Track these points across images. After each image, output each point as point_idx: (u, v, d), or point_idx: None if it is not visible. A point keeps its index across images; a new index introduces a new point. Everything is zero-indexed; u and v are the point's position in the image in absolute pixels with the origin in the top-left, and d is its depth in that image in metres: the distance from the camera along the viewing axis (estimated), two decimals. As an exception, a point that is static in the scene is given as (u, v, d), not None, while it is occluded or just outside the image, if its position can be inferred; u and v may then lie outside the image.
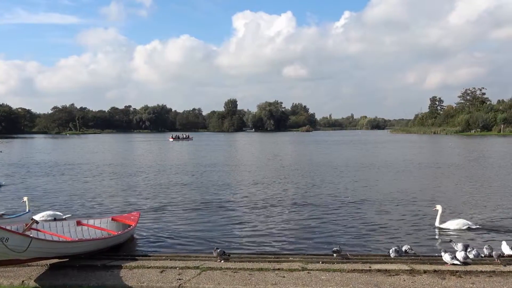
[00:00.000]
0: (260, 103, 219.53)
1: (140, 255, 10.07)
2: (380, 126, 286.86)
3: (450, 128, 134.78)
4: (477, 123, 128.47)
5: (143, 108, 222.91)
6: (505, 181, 23.90)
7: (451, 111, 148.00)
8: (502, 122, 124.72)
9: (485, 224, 13.58)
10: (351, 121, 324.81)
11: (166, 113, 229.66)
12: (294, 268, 8.52)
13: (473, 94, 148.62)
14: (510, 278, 7.89)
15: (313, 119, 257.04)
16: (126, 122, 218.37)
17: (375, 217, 14.86)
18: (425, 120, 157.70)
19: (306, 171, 29.71)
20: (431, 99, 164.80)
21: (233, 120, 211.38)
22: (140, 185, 23.19)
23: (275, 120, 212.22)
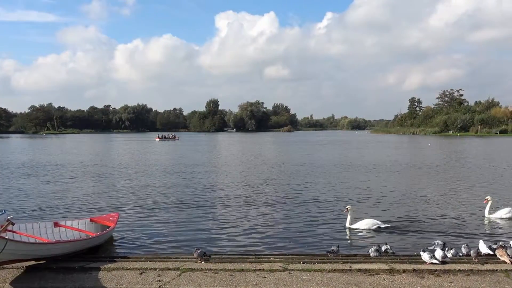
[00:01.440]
0: (242, 103, 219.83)
1: (119, 256, 9.94)
2: (361, 126, 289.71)
3: (428, 128, 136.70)
4: (455, 124, 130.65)
5: (123, 107, 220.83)
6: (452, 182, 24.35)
7: (430, 112, 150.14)
8: (479, 123, 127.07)
9: (395, 224, 13.70)
10: (332, 122, 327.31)
11: (146, 113, 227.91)
12: (275, 268, 8.50)
13: (451, 96, 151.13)
14: (487, 277, 8.00)
15: (294, 119, 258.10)
16: (106, 121, 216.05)
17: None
18: (404, 120, 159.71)
19: (288, 171, 29.75)
20: (410, 100, 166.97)
21: (214, 120, 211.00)
22: (121, 186, 22.90)
23: (256, 120, 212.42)
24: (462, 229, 13.22)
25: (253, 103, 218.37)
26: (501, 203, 16.70)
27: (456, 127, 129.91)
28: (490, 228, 13.52)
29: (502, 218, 14.28)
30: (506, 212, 14.42)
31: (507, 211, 14.44)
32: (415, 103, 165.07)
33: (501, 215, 14.40)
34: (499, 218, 14.32)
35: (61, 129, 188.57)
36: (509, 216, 14.32)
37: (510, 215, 14.33)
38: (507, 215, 14.34)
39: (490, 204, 14.72)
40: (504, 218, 14.28)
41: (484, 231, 13.07)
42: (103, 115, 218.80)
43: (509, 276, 7.99)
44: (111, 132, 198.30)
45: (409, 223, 13.91)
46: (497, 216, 14.41)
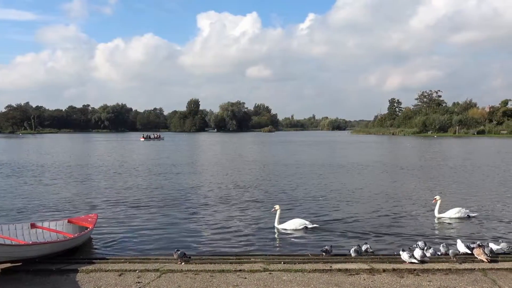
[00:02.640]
0: (223, 103, 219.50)
1: (97, 258, 9.78)
2: (341, 127, 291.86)
3: (408, 129, 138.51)
4: (433, 124, 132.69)
5: (102, 107, 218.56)
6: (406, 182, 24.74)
7: (409, 113, 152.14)
8: (457, 124, 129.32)
9: (324, 224, 13.78)
10: (312, 122, 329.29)
11: (126, 112, 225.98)
12: (256, 269, 8.48)
13: (430, 97, 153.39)
14: (465, 276, 8.12)
15: (275, 119, 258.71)
16: (84, 121, 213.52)
17: (335, 216, 14.98)
18: (384, 121, 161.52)
19: (269, 171, 29.76)
20: (390, 101, 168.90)
21: (195, 120, 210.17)
22: (101, 187, 22.60)
23: (237, 120, 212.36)
24: (409, 228, 13.33)
25: (234, 103, 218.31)
26: (457, 202, 16.92)
27: (434, 128, 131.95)
28: (439, 228, 13.67)
29: (451, 218, 14.44)
30: (455, 212, 14.57)
31: (457, 211, 14.59)
32: (394, 104, 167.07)
33: (451, 214, 14.55)
34: (449, 218, 14.47)
35: (38, 129, 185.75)
36: (458, 215, 14.46)
37: (460, 215, 14.48)
38: (456, 214, 14.49)
39: (439, 203, 14.86)
40: (453, 217, 14.43)
41: (432, 230, 13.22)
42: (82, 115, 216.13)
43: (486, 275, 8.12)
44: (90, 132, 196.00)
45: (347, 223, 14.03)
46: (447, 216, 14.56)
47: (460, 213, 14.60)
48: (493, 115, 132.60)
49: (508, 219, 14.46)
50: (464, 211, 14.72)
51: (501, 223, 13.90)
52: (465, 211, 14.72)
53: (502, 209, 16.21)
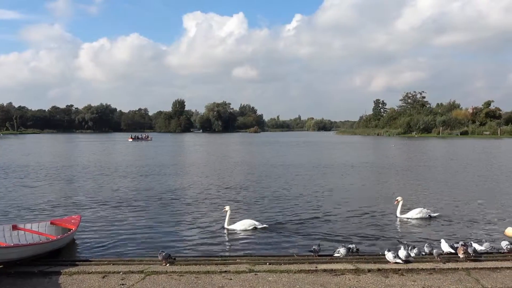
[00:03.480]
0: (208, 104, 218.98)
1: (80, 260, 9.65)
2: (326, 127, 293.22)
3: (392, 130, 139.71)
4: (417, 125, 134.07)
5: (86, 107, 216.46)
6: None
7: (394, 114, 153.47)
8: (441, 125, 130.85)
9: (275, 224, 13.82)
10: (298, 123, 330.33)
11: (110, 113, 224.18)
12: (241, 270, 8.44)
13: (414, 98, 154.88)
14: (449, 275, 8.19)
15: (261, 120, 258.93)
16: (68, 122, 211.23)
17: (321, 216, 15.03)
18: (369, 122, 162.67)
19: (254, 172, 29.75)
20: (375, 101, 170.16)
21: (180, 121, 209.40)
22: (85, 188, 22.31)
23: (223, 121, 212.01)
24: (368, 228, 13.38)
25: (220, 103, 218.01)
26: (421, 203, 17.05)
27: (418, 129, 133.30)
28: (400, 228, 13.72)
29: (413, 218, 14.52)
30: (417, 212, 14.66)
31: (418, 211, 14.68)
32: (379, 104, 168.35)
33: (412, 215, 14.63)
34: (410, 218, 14.55)
35: (21, 129, 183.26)
36: (420, 216, 14.55)
37: (421, 215, 14.57)
38: (418, 215, 14.58)
39: (401, 204, 14.94)
40: (415, 218, 14.52)
41: (393, 231, 13.26)
42: (66, 115, 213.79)
43: (469, 274, 8.20)
44: (74, 132, 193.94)
45: (302, 223, 14.03)
46: (408, 216, 14.64)
47: (422, 213, 14.67)
48: (476, 116, 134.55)
49: (468, 219, 14.57)
50: (425, 211, 14.80)
51: (461, 223, 13.99)
52: (426, 212, 14.80)
53: (464, 209, 16.34)
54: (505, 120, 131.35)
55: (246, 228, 12.97)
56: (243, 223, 13.13)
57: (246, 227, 13.01)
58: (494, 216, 15.10)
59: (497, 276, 8.13)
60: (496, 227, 13.39)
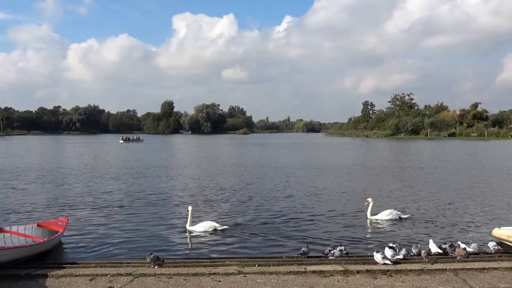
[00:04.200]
0: (197, 105, 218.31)
1: (68, 262, 9.57)
2: (316, 129, 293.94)
3: (381, 131, 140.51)
4: (406, 127, 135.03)
5: (73, 108, 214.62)
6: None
7: (382, 115, 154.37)
8: (428, 126, 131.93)
9: (232, 225, 13.88)
10: (287, 124, 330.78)
11: (98, 114, 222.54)
12: (230, 272, 8.42)
13: (402, 99, 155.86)
14: (437, 276, 8.24)
15: (250, 121, 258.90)
16: (55, 123, 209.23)
17: (308, 218, 15.04)
18: (358, 123, 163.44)
19: (244, 173, 29.72)
20: (363, 103, 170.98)
21: (169, 122, 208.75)
22: (73, 190, 22.09)
23: (212, 123, 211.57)
24: (338, 230, 13.41)
25: (209, 105, 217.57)
26: (393, 204, 17.20)
27: (407, 130, 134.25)
28: (370, 230, 13.78)
29: (383, 220, 14.57)
30: (387, 214, 14.72)
31: (388, 213, 14.75)
32: (368, 106, 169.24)
33: (382, 216, 14.69)
34: (380, 220, 14.60)
35: (7, 130, 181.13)
36: (390, 217, 14.61)
37: (391, 217, 14.63)
38: (388, 216, 14.64)
39: (371, 205, 15.01)
40: (385, 219, 14.57)
41: (362, 232, 13.27)
42: (53, 116, 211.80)
43: (457, 275, 8.25)
44: (61, 133, 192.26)
45: (268, 224, 14.15)
46: (378, 218, 14.70)
47: (392, 215, 14.72)
48: (464, 117, 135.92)
49: (438, 221, 14.63)
50: (395, 213, 14.86)
51: (430, 225, 14.02)
52: (396, 213, 14.85)
53: (434, 211, 16.39)
54: (492, 122, 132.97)
55: (206, 229, 12.98)
56: (204, 225, 13.13)
57: (206, 228, 13.02)
58: (481, 217, 15.25)
59: (485, 276, 8.20)
60: (482, 228, 13.51)
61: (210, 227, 13.07)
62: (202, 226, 13.11)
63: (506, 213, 15.90)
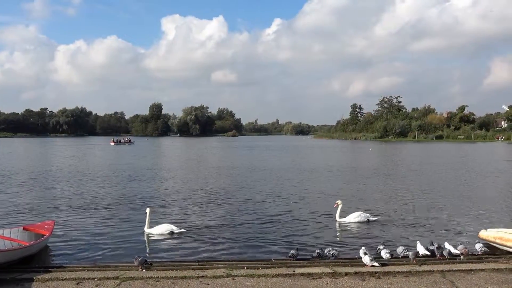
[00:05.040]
0: (186, 107, 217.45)
1: (54, 266, 9.45)
2: (304, 131, 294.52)
3: (369, 134, 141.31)
4: (394, 129, 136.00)
5: (60, 111, 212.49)
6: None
7: (371, 118, 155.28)
8: (416, 129, 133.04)
9: (191, 228, 13.80)
10: (276, 127, 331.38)
11: (85, 116, 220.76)
12: (219, 275, 8.38)
13: (390, 102, 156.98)
14: (425, 277, 8.29)
15: (239, 124, 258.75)
16: (42, 125, 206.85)
17: (296, 221, 15.06)
18: (346, 126, 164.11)
19: (232, 176, 29.70)
20: (352, 106, 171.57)
21: (157, 124, 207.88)
22: (60, 193, 21.86)
23: (200, 125, 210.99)
24: (307, 232, 13.44)
25: (197, 107, 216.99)
26: (364, 206, 17.26)
27: (395, 133, 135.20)
28: (338, 232, 13.83)
29: (351, 222, 14.63)
30: (355, 216, 14.78)
31: (357, 215, 14.82)
32: (356, 109, 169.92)
33: (351, 219, 14.74)
34: (349, 222, 14.67)
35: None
36: (358, 220, 14.68)
37: (359, 219, 14.69)
38: (356, 219, 14.70)
39: (340, 208, 15.07)
40: (354, 222, 14.63)
41: (331, 235, 13.30)
42: (40, 118, 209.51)
43: (445, 276, 8.31)
44: (48, 136, 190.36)
45: (231, 227, 14.11)
46: (347, 220, 14.76)
47: (360, 217, 14.78)
48: (451, 120, 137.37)
49: (406, 223, 14.67)
50: (364, 215, 14.91)
51: (398, 228, 14.06)
52: (365, 215, 14.91)
53: (402, 213, 16.42)
54: (479, 125, 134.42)
55: (163, 232, 12.94)
56: (161, 228, 13.10)
57: (163, 231, 12.98)
58: (467, 219, 15.40)
59: (472, 278, 8.26)
60: (469, 230, 13.63)
61: (167, 230, 13.03)
62: (160, 229, 13.06)
63: (492, 215, 16.06)
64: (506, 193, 22.11)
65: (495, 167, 36.82)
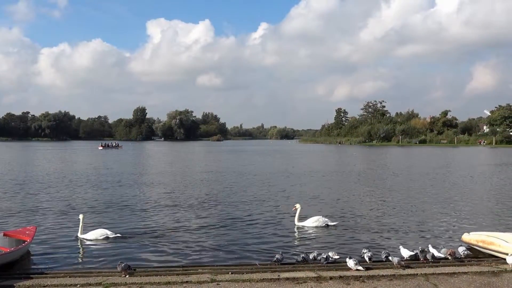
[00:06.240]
0: (170, 112, 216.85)
1: (35, 273, 9.31)
2: (289, 136, 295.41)
3: (354, 138, 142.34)
4: (378, 134, 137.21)
5: (43, 115, 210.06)
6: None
7: (355, 122, 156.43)
8: (400, 133, 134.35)
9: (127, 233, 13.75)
10: (261, 131, 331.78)
11: (68, 120, 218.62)
12: (203, 280, 8.33)
13: (374, 107, 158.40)
14: (409, 281, 8.34)
15: (224, 128, 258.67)
16: (24, 129, 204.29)
17: (282, 225, 15.07)
18: (331, 130, 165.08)
19: (216, 181, 29.60)
20: (336, 110, 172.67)
21: (141, 129, 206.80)
22: (42, 198, 21.48)
23: (185, 129, 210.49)
24: (265, 236, 13.49)
25: (182, 111, 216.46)
26: (324, 211, 17.26)
27: (379, 137, 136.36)
28: (296, 236, 13.86)
29: (309, 227, 14.63)
30: (314, 221, 14.79)
31: (315, 220, 14.83)
32: (341, 113, 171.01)
33: (309, 223, 14.75)
34: (307, 226, 14.66)
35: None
36: (316, 224, 14.68)
37: (318, 224, 14.70)
38: (315, 223, 14.71)
39: (299, 211, 15.09)
40: (312, 226, 14.64)
41: (288, 239, 13.32)
42: (21, 122, 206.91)
43: (428, 280, 8.37)
44: (29, 140, 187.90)
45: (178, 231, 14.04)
46: (305, 224, 14.77)
47: (319, 222, 14.77)
48: (434, 125, 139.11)
49: (364, 228, 14.65)
50: (323, 219, 14.91)
51: (355, 233, 14.02)
52: (323, 220, 14.90)
53: (362, 218, 16.39)
54: (461, 129, 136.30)
55: (97, 237, 12.83)
56: (95, 233, 12.98)
57: (97, 236, 12.87)
58: (450, 223, 15.54)
59: (455, 281, 8.33)
60: (451, 234, 13.77)
61: (102, 235, 12.92)
62: (94, 234, 12.94)
63: (475, 219, 16.23)
64: (489, 196, 22.40)
65: (477, 171, 37.30)
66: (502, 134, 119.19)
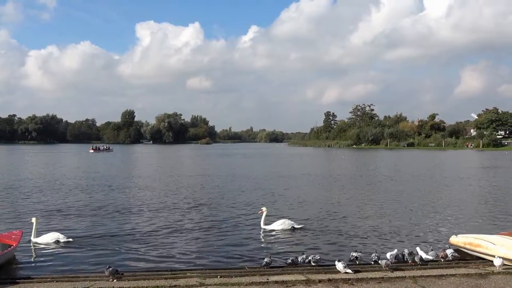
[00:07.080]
0: (159, 115, 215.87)
1: (21, 277, 9.16)
2: (278, 139, 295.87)
3: (342, 141, 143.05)
4: (366, 137, 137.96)
5: (30, 117, 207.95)
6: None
7: (344, 126, 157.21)
8: (388, 136, 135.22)
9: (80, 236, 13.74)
10: (250, 134, 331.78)
11: (56, 123, 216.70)
12: (192, 284, 8.27)
13: (363, 110, 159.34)
14: (397, 283, 8.35)
15: (213, 131, 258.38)
16: (10, 132, 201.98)
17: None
18: (320, 133, 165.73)
19: (206, 184, 29.53)
20: (325, 113, 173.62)
21: (129, 132, 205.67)
22: (29, 202, 21.26)
23: (174, 132, 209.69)
24: (230, 240, 13.47)
25: (170, 114, 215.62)
26: (290, 214, 17.33)
27: (367, 140, 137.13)
28: (262, 239, 13.88)
29: (276, 230, 14.64)
30: (280, 224, 14.83)
31: (281, 223, 14.86)
32: (330, 117, 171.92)
33: (275, 226, 14.78)
34: (272, 230, 14.69)
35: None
36: (282, 227, 14.71)
37: (283, 227, 14.74)
38: (280, 226, 14.74)
39: (265, 215, 15.14)
40: (278, 229, 14.66)
41: (255, 243, 13.32)
42: (8, 125, 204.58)
43: (416, 282, 8.39)
44: (16, 143, 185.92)
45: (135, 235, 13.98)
46: (271, 228, 14.81)
47: (284, 224, 14.78)
48: (422, 128, 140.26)
49: (330, 231, 14.69)
50: (289, 222, 14.92)
51: (321, 235, 14.08)
52: (290, 223, 14.91)
53: (329, 221, 16.40)
54: (449, 132, 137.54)
55: (48, 241, 12.75)
56: (46, 237, 12.90)
57: (48, 240, 12.79)
58: (437, 225, 15.64)
59: (443, 283, 8.37)
60: (439, 236, 13.85)
61: (54, 238, 12.83)
62: (46, 238, 12.87)
63: (463, 221, 16.35)
64: (476, 199, 22.60)
65: (465, 174, 37.61)
66: (489, 137, 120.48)
